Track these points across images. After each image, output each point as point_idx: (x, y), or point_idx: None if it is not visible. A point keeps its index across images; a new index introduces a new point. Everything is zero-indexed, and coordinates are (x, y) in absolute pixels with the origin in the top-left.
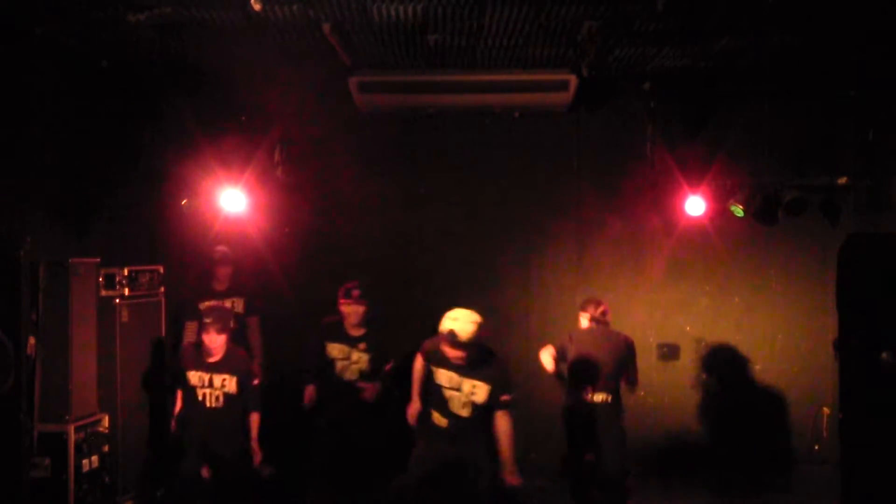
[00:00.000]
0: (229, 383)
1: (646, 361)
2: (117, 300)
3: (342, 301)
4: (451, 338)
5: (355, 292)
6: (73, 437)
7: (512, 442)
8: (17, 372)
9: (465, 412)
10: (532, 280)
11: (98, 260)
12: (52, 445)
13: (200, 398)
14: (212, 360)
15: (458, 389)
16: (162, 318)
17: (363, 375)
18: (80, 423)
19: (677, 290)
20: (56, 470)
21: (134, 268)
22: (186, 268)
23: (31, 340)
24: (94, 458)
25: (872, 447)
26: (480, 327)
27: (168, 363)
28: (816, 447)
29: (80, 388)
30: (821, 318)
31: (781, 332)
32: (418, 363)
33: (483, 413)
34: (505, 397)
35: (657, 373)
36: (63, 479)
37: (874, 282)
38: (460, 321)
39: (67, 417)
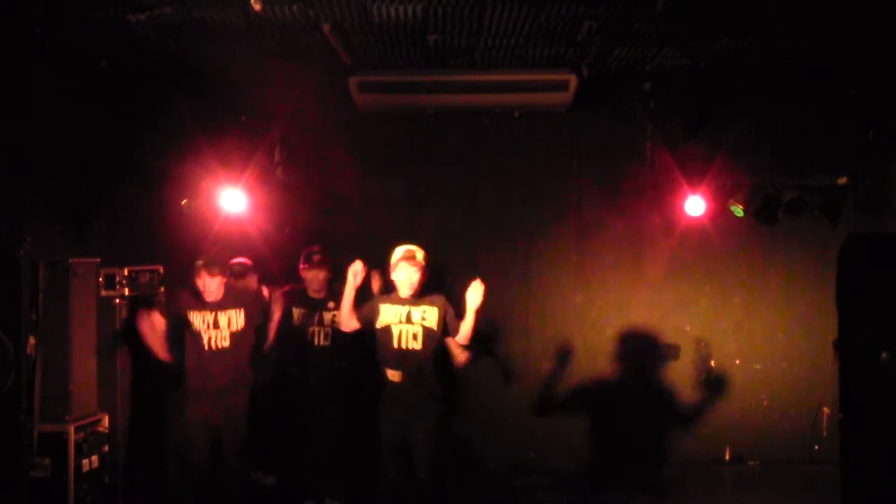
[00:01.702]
0: (236, 319)
1: (646, 361)
2: (117, 300)
3: (303, 266)
4: (412, 255)
5: (316, 256)
6: (73, 437)
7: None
8: (17, 372)
9: (416, 344)
10: (532, 280)
11: (98, 260)
12: (52, 445)
13: (206, 343)
14: (213, 299)
15: (409, 321)
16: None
17: (337, 335)
18: (80, 423)
19: (677, 290)
20: (56, 470)
21: (134, 268)
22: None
23: (31, 340)
24: (94, 458)
25: (872, 447)
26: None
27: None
28: (816, 447)
29: (80, 388)
30: (821, 318)
31: (781, 332)
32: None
33: (437, 345)
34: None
35: (657, 373)
36: (63, 479)
37: (874, 282)
38: (411, 246)
39: (67, 417)
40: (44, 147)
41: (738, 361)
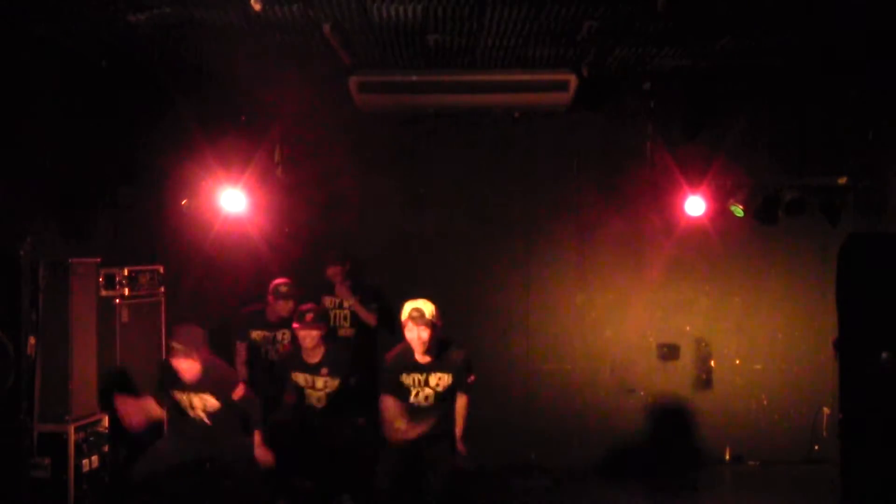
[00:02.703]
0: (210, 403)
1: (646, 361)
2: (117, 300)
3: (295, 325)
4: (419, 314)
5: (308, 316)
6: (73, 437)
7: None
8: (17, 372)
9: (427, 404)
10: (532, 280)
11: (98, 260)
12: (52, 445)
13: (185, 412)
14: (189, 378)
15: (426, 384)
16: (162, 318)
17: (331, 400)
18: (80, 423)
19: (677, 290)
20: (56, 470)
21: (134, 268)
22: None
23: (31, 340)
24: (94, 458)
25: (872, 447)
26: (438, 312)
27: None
28: (816, 447)
29: (80, 388)
30: (821, 318)
31: (781, 332)
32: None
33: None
34: (471, 379)
35: (657, 373)
36: (63, 479)
37: (874, 282)
38: (420, 302)
39: (67, 417)
40: (44, 147)
41: (738, 361)
